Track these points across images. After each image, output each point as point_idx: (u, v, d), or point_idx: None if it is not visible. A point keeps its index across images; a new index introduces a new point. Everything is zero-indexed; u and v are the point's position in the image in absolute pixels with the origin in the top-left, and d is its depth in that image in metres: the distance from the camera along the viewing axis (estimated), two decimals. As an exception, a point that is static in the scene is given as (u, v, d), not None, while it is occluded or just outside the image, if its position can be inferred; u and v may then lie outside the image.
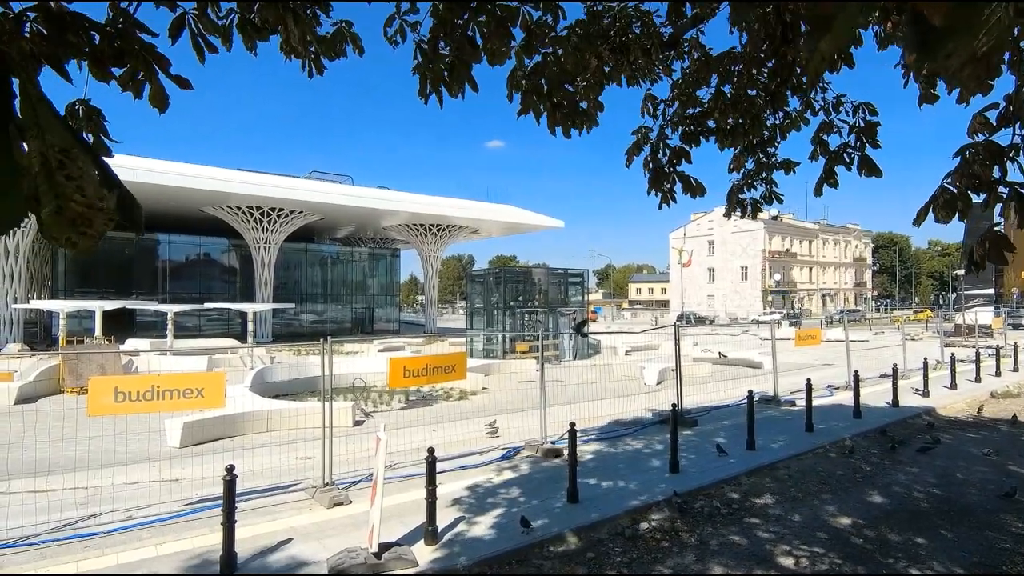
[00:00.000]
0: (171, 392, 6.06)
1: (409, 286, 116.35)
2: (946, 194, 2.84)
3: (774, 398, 12.61)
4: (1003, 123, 2.69)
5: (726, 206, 4.60)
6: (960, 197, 2.85)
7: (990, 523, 6.37)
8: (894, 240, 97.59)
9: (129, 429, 8.23)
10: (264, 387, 14.17)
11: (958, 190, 2.85)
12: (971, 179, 2.79)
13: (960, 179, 2.82)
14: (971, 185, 2.81)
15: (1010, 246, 2.74)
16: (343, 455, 8.25)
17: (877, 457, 8.96)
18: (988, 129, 2.77)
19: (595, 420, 11.14)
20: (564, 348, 23.10)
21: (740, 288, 74.48)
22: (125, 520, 6.25)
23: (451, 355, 8.30)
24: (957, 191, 2.85)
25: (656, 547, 5.80)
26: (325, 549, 5.45)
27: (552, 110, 3.24)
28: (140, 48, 1.77)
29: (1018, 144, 2.66)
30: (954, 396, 13.63)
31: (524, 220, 41.65)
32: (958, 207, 2.78)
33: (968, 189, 2.82)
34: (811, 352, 19.76)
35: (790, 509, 6.80)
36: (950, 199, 2.81)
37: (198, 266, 39.99)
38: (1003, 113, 2.67)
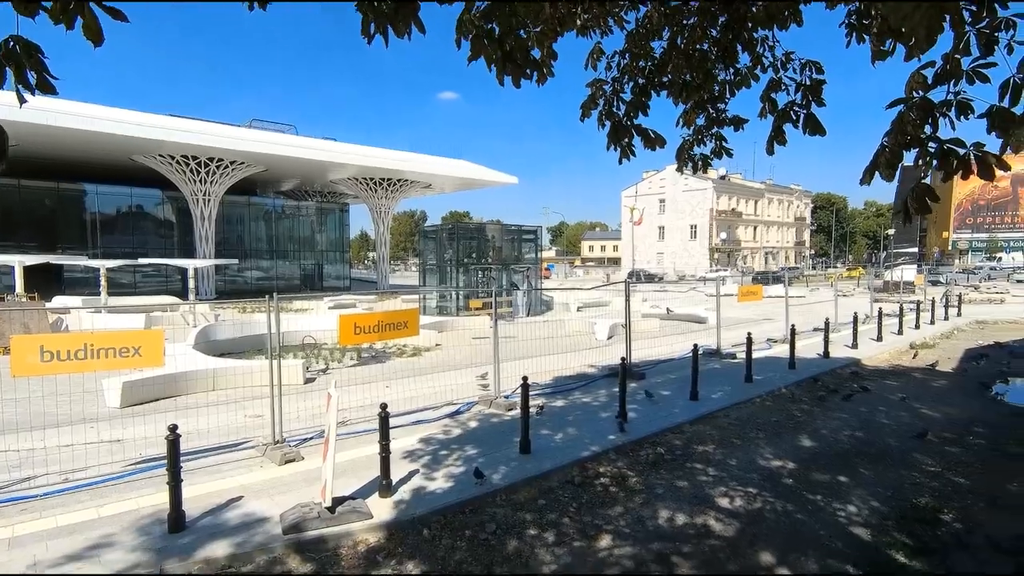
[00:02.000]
0: (105, 351, 5.75)
1: (360, 242, 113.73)
2: (887, 152, 2.94)
3: (717, 351, 13.20)
4: (939, 81, 2.78)
5: (677, 162, 4.64)
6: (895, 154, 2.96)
7: (904, 461, 6.97)
8: (832, 200, 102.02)
9: (62, 390, 7.82)
10: (208, 345, 13.70)
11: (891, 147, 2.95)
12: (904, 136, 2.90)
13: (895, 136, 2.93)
14: (904, 142, 2.92)
15: (934, 196, 2.89)
16: (294, 413, 8.15)
17: (808, 405, 9.59)
18: (925, 88, 2.86)
19: (548, 375, 11.39)
20: (517, 305, 23.28)
21: (689, 246, 76.61)
22: (62, 483, 6.01)
23: (404, 311, 8.19)
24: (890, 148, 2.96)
25: (605, 493, 6.07)
26: (278, 505, 5.43)
27: (503, 58, 3.12)
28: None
29: (951, 100, 2.76)
30: (879, 348, 14.64)
31: (478, 176, 41.02)
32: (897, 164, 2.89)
33: (901, 146, 2.94)
34: (753, 308, 20.69)
35: (729, 454, 7.22)
36: (891, 157, 2.91)
37: (131, 219, 37.62)
38: (939, 71, 2.76)
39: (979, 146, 2.76)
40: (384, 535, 5.08)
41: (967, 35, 2.70)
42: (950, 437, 7.90)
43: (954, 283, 35.21)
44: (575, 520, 5.44)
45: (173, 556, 4.55)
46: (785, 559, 4.69)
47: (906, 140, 2.89)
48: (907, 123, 2.81)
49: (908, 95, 2.89)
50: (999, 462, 6.97)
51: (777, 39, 4.15)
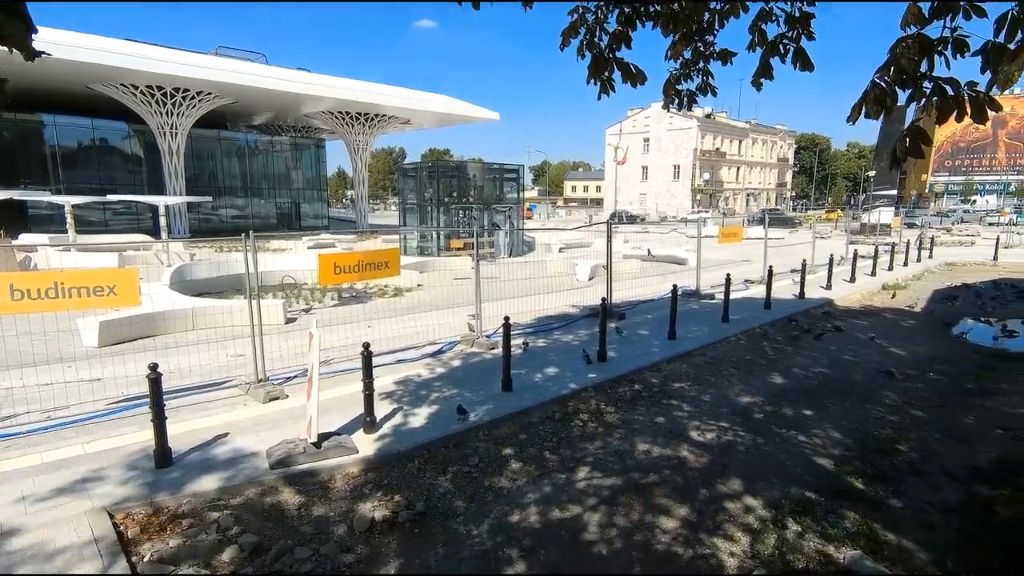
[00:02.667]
0: (78, 290, 5.62)
1: (337, 180, 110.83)
2: (877, 89, 2.87)
3: (696, 292, 13.42)
4: (935, 15, 2.69)
5: (663, 97, 4.51)
6: (888, 92, 2.89)
7: (869, 397, 7.30)
8: (816, 141, 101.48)
9: (35, 329, 7.68)
10: (185, 285, 13.48)
11: (887, 85, 2.88)
12: (899, 74, 2.83)
13: (889, 73, 2.85)
14: (899, 80, 2.85)
15: (928, 139, 2.86)
16: (276, 352, 8.16)
17: (781, 344, 9.89)
18: (920, 21, 2.77)
19: (529, 315, 11.51)
20: (499, 245, 23.19)
21: (672, 187, 76.24)
22: (45, 420, 6.01)
23: (384, 251, 8.10)
24: (886, 86, 2.89)
25: (584, 428, 6.28)
26: (263, 442, 5.52)
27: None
28: None
29: (947, 37, 2.69)
30: (852, 288, 15.02)
31: (458, 111, 39.71)
32: (887, 103, 2.83)
33: (896, 84, 2.87)
34: (733, 249, 20.91)
35: (703, 391, 7.48)
36: (880, 94, 2.85)
37: (96, 153, 35.87)
38: (936, 5, 2.67)
39: (972, 85, 2.71)
40: (370, 468, 5.22)
41: None
42: (913, 374, 8.27)
43: (928, 226, 35.87)
44: (555, 453, 5.65)
45: (162, 490, 4.64)
46: (752, 487, 4.96)
47: (901, 78, 2.82)
48: (902, 58, 2.74)
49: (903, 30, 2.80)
50: (956, 397, 7.35)
51: None
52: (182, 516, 4.41)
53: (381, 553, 4.08)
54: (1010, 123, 74.05)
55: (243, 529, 4.28)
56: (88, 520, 4.20)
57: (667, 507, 4.66)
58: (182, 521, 4.35)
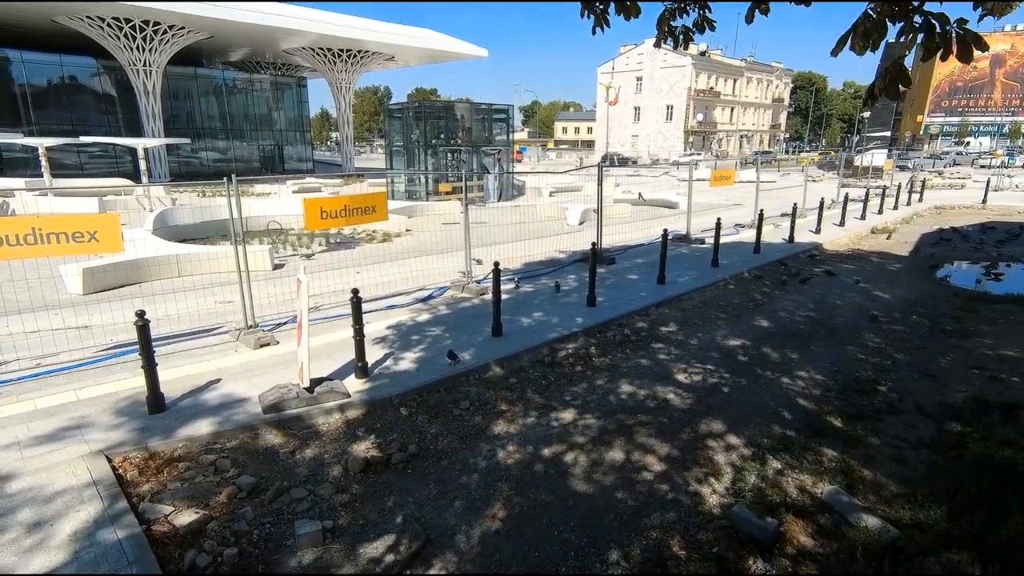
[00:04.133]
0: (57, 235, 5.47)
1: (320, 121, 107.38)
2: (868, 21, 2.76)
3: (687, 237, 13.40)
4: None
5: (657, 33, 4.32)
6: (878, 25, 2.79)
7: (852, 339, 7.46)
8: (812, 80, 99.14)
9: (17, 276, 7.54)
10: (168, 231, 13.23)
11: (877, 17, 2.77)
12: (892, 5, 2.71)
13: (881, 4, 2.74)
14: (890, 12, 2.74)
15: (907, 79, 2.78)
16: (265, 299, 8.12)
17: (769, 288, 9.99)
18: None
19: (519, 260, 11.48)
20: (489, 189, 22.84)
21: (664, 129, 74.78)
22: (34, 367, 6.01)
23: (371, 195, 7.93)
24: (876, 18, 2.78)
25: (572, 371, 6.39)
26: (256, 387, 5.57)
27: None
28: None
29: None
30: (841, 232, 15.07)
31: (445, 47, 38.12)
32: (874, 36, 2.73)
33: (887, 17, 2.76)
34: (725, 192, 20.78)
35: (690, 334, 7.59)
36: (870, 27, 2.74)
37: (67, 92, 34.26)
38: None
39: (962, 22, 2.62)
40: (362, 412, 5.31)
41: None
42: (896, 317, 8.43)
43: (920, 169, 35.71)
44: (544, 395, 5.76)
45: (157, 434, 4.70)
46: (735, 427, 5.12)
47: (892, 10, 2.71)
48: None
49: None
50: (936, 338, 7.53)
51: None
52: (178, 459, 4.49)
53: (375, 492, 4.20)
54: (1008, 62, 72.57)
55: (240, 471, 4.38)
56: (86, 463, 4.27)
57: (651, 446, 4.81)
58: (179, 464, 4.43)
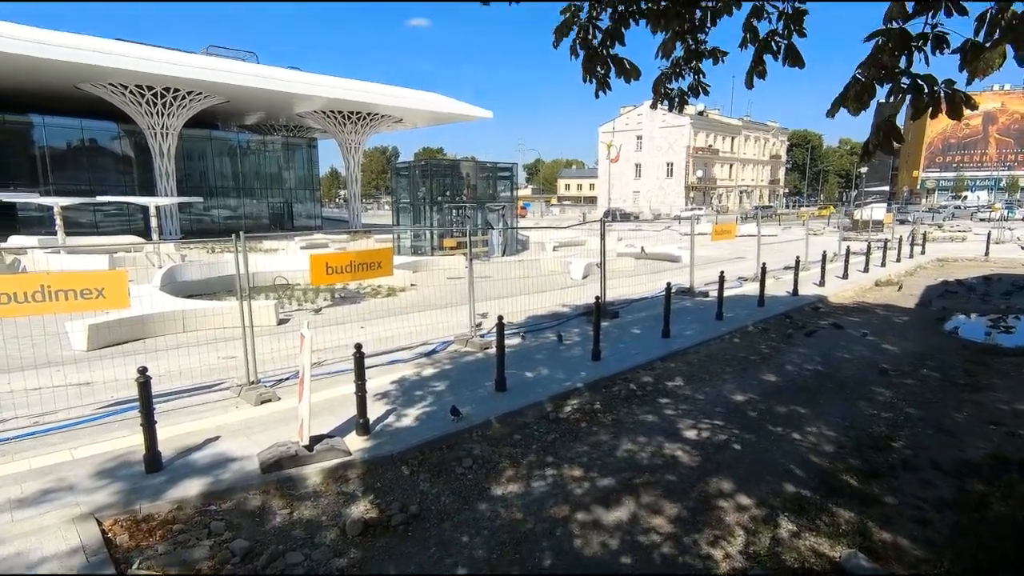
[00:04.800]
0: (65, 292, 5.54)
1: (330, 179, 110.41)
2: (858, 84, 2.86)
3: (690, 290, 13.43)
4: (919, 10, 2.69)
5: (653, 96, 4.48)
6: (867, 88, 2.89)
7: (862, 394, 7.32)
8: (808, 138, 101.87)
9: (23, 333, 7.57)
10: (176, 287, 13.37)
11: (865, 80, 2.87)
12: (879, 69, 2.82)
13: (869, 69, 2.84)
14: (878, 76, 2.84)
15: (899, 136, 2.86)
16: (268, 354, 8.10)
17: (775, 341, 9.90)
18: (904, 16, 2.76)
19: (523, 314, 11.47)
20: (493, 244, 23.13)
21: (665, 184, 76.34)
22: (32, 426, 5.94)
23: (377, 251, 8.04)
24: (864, 81, 2.88)
25: (578, 427, 6.26)
26: (255, 445, 5.47)
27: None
28: None
29: (927, 33, 2.69)
30: (845, 285, 15.07)
31: (451, 109, 39.57)
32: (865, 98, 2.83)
33: (875, 79, 2.86)
34: (727, 246, 20.94)
35: (697, 389, 7.47)
36: (861, 90, 2.83)
37: (86, 154, 35.54)
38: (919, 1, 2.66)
39: (950, 83, 2.72)
40: (363, 470, 5.18)
41: None
42: (906, 370, 8.29)
43: (920, 222, 36.07)
44: (549, 453, 5.62)
45: (150, 496, 4.58)
46: (745, 486, 4.95)
47: (880, 74, 2.82)
48: (883, 54, 2.73)
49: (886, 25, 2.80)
50: (949, 393, 7.37)
51: None
52: (172, 522, 4.36)
53: (374, 557, 4.04)
54: (1000, 119, 74.58)
55: (234, 534, 4.24)
56: (76, 527, 4.14)
57: (660, 506, 4.64)
58: (172, 527, 4.30)
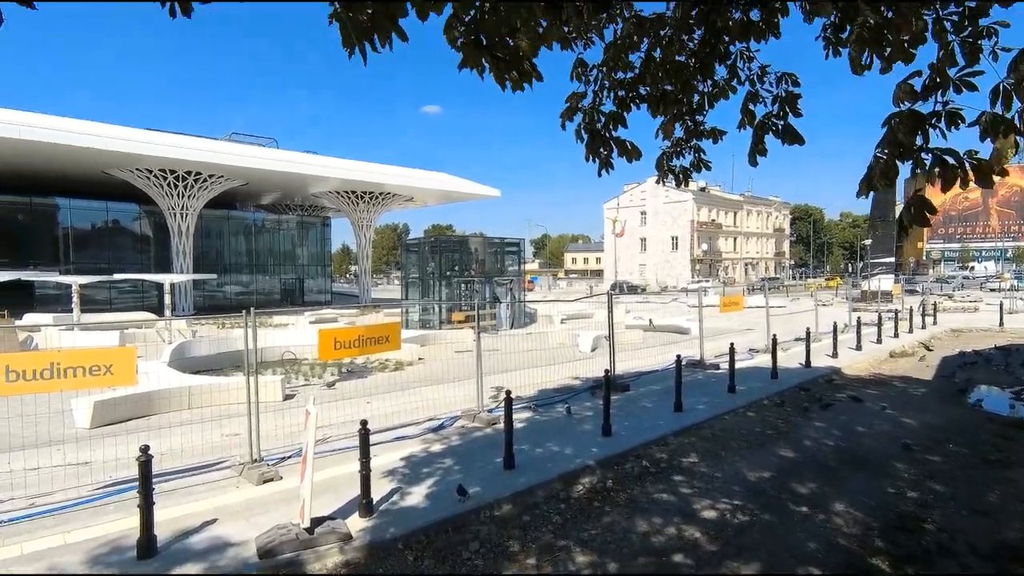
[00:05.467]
0: (74, 370, 5.56)
1: (341, 255, 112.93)
2: (880, 163, 2.91)
3: (700, 362, 13.25)
4: (927, 91, 2.76)
5: (656, 174, 4.64)
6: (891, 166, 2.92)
7: (885, 471, 7.01)
8: (809, 212, 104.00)
9: (28, 411, 7.53)
10: (184, 362, 13.39)
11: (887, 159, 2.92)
12: (896, 147, 2.87)
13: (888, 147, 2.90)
14: (896, 154, 2.90)
15: (932, 208, 2.85)
16: (272, 430, 7.97)
17: (790, 415, 9.63)
18: (912, 97, 2.83)
19: (531, 388, 11.31)
20: (501, 317, 23.20)
21: (671, 257, 77.34)
22: (27, 508, 5.77)
23: (384, 325, 8.09)
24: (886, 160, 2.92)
25: (590, 508, 5.99)
26: (254, 527, 5.26)
27: (494, 63, 3.11)
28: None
29: (939, 111, 2.75)
30: (858, 356, 14.82)
31: (460, 188, 41.03)
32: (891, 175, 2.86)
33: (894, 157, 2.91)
34: (735, 318, 20.88)
35: (713, 466, 7.20)
36: (885, 168, 2.87)
37: (106, 234, 36.83)
38: (927, 82, 2.75)
39: (972, 154, 2.73)
40: (364, 556, 4.93)
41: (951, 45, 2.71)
42: (930, 445, 7.98)
43: (929, 292, 35.96)
44: (560, 536, 5.35)
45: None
46: (770, 571, 4.65)
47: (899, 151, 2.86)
48: (898, 133, 2.79)
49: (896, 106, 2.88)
50: (977, 470, 7.05)
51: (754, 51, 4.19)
52: (162, 613, 4.12)
53: (373, 653, 3.76)
54: (1000, 191, 76.10)
55: (226, 627, 3.98)
56: (61, 619, 3.92)
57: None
58: (161, 619, 4.06)
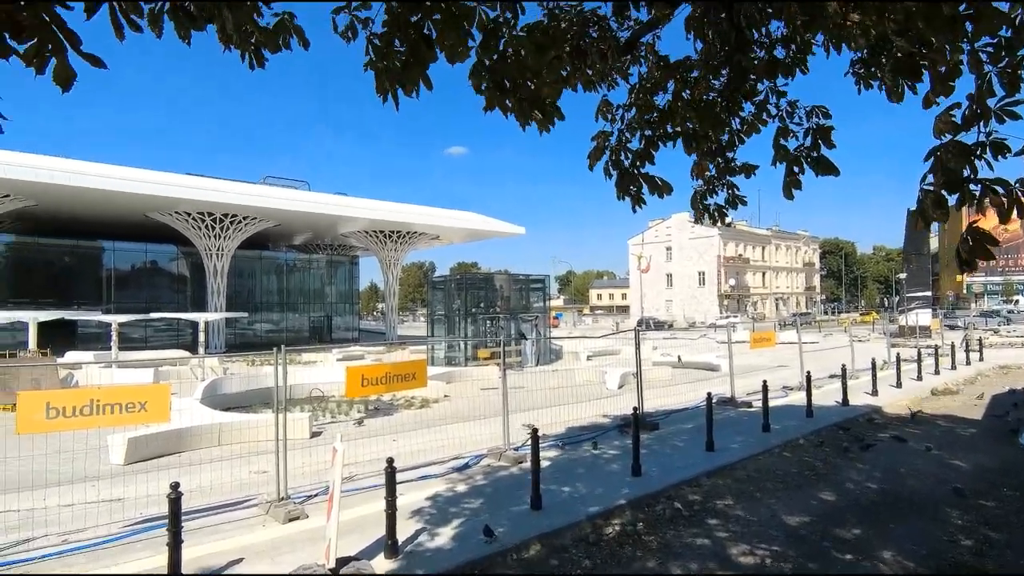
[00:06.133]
0: (111, 407, 5.70)
1: (369, 293, 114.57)
2: (931, 195, 2.84)
3: (732, 400, 12.89)
4: (968, 123, 2.72)
5: (693, 212, 4.62)
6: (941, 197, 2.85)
7: (935, 516, 6.62)
8: (840, 246, 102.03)
9: (65, 447, 7.70)
10: (216, 399, 13.60)
11: (935, 191, 2.84)
12: (946, 178, 2.80)
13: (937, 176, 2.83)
14: (944, 185, 2.83)
15: (993, 240, 2.75)
16: (299, 468, 7.97)
17: (829, 455, 9.24)
18: (953, 129, 2.79)
19: (558, 426, 11.13)
20: (527, 354, 23.08)
21: (697, 293, 76.35)
22: (60, 544, 5.84)
23: (411, 362, 8.12)
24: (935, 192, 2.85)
25: (619, 552, 5.79)
26: (278, 567, 5.21)
27: (518, 105, 3.21)
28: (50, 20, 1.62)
29: (984, 142, 2.70)
30: (899, 394, 14.24)
31: (486, 227, 41.59)
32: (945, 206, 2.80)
33: (943, 188, 2.84)
34: (766, 354, 20.36)
35: (749, 509, 6.91)
36: (936, 199, 2.81)
37: (146, 274, 38.28)
38: (967, 113, 2.72)
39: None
40: (389, 599, 4.83)
41: (988, 75, 2.69)
42: (982, 489, 7.54)
43: (973, 327, 34.57)
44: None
45: (168, 624, 4.34)
46: (816, 624, 4.39)
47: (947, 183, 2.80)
48: (947, 163, 2.73)
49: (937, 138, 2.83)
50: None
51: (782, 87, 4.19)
52: (186, 655, 4.08)
53: None
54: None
55: (250, 671, 3.92)
56: (88, 659, 3.91)
57: (719, 648, 4.12)
58: (186, 661, 4.01)
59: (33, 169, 24.44)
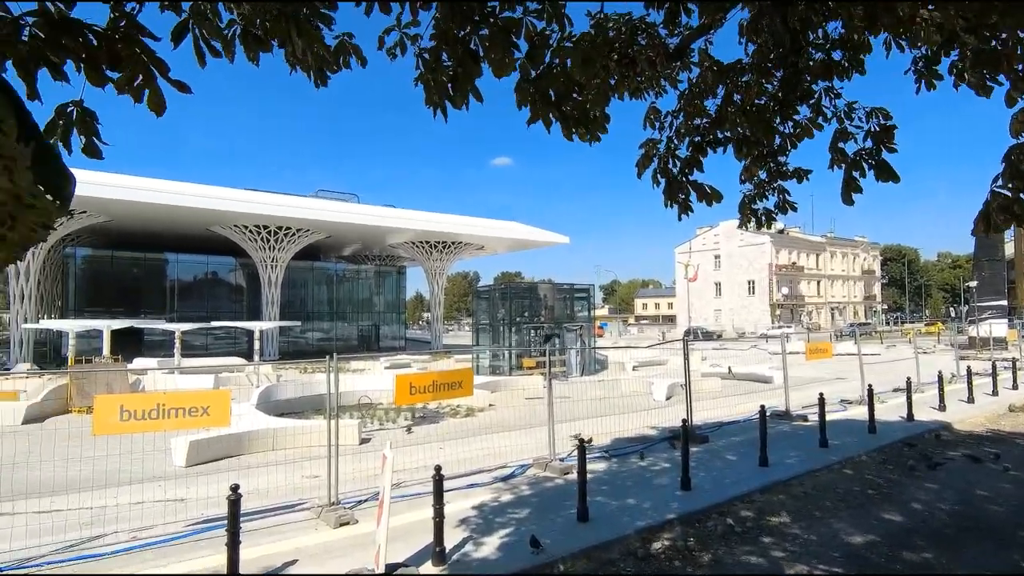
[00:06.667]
0: (176, 410, 6.01)
1: (415, 303, 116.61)
2: (999, 198, 2.71)
3: (786, 413, 12.40)
4: None
5: (740, 217, 4.52)
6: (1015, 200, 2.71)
7: (1013, 540, 6.16)
8: (902, 252, 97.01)
9: (135, 448, 8.15)
10: (270, 405, 14.10)
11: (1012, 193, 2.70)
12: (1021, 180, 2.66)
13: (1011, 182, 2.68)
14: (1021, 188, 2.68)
15: None
16: (349, 473, 8.15)
17: (894, 473, 8.75)
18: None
19: (604, 437, 10.97)
20: (571, 364, 22.91)
21: (747, 302, 74.03)
22: (130, 541, 6.17)
23: (458, 371, 8.20)
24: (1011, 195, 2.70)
25: (670, 567, 5.64)
26: (331, 570, 5.34)
27: (563, 118, 3.23)
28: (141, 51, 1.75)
29: None
30: (971, 410, 13.36)
31: (530, 236, 41.71)
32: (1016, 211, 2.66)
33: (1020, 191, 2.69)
34: (822, 366, 19.51)
35: (807, 528, 6.61)
36: (1005, 203, 2.67)
37: (206, 285, 40.25)
38: None
39: None
40: (437, 607, 4.87)
41: None
42: (1068, 513, 6.96)
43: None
44: (639, 597, 5.05)
45: (228, 621, 4.50)
46: (883, 652, 4.15)
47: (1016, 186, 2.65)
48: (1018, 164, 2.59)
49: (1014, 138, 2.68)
50: None
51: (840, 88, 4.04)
52: (245, 652, 4.22)
53: None
54: None
55: (304, 671, 4.02)
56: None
57: (777, 673, 3.95)
58: (244, 658, 4.15)
59: (112, 188, 26.18)
